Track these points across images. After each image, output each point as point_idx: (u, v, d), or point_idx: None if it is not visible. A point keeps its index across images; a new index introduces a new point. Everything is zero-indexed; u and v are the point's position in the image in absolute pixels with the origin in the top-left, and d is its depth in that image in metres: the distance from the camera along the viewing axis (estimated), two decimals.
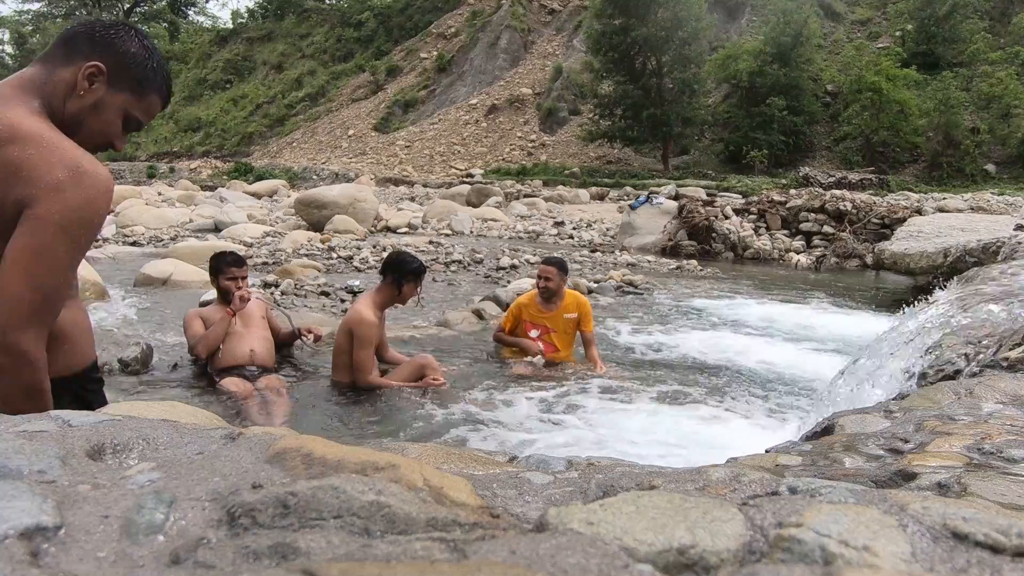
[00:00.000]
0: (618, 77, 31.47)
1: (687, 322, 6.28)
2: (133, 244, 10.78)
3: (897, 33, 34.41)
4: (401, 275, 3.77)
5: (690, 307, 7.09)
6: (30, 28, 58.53)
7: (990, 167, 27.44)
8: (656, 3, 29.49)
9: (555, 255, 5.08)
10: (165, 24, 63.68)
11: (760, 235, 11.99)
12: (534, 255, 10.12)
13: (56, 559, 0.53)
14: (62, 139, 1.35)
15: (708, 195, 16.49)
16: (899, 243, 8.44)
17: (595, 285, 7.87)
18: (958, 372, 2.00)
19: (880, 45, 34.32)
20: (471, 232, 13.38)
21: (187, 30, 62.30)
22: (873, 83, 27.76)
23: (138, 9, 66.18)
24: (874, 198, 13.94)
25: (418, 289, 3.91)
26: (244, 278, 3.89)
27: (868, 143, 28.95)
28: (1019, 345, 1.98)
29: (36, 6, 62.89)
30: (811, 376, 4.46)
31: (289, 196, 19.87)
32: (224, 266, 3.86)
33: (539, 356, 4.48)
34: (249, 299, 3.85)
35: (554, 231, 14.23)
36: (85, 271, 5.71)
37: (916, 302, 3.54)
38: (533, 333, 4.60)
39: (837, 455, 1.19)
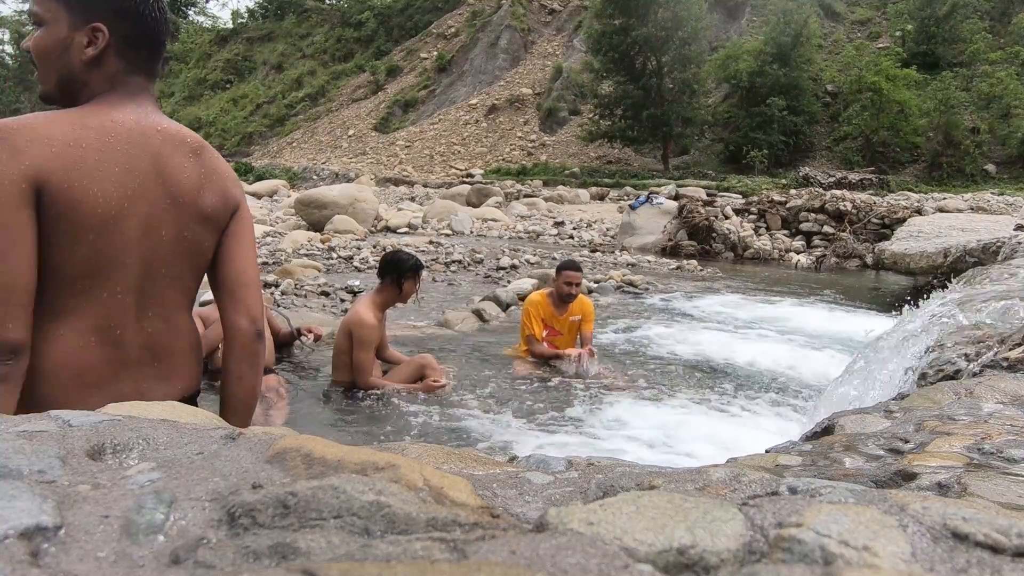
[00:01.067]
0: (618, 77, 31.49)
1: (687, 322, 6.28)
2: None
3: (897, 33, 34.43)
4: (400, 274, 3.78)
5: (690, 307, 7.10)
6: (30, 28, 58.54)
7: (990, 167, 27.45)
8: (656, 3, 29.52)
9: (568, 258, 5.03)
10: None
11: (760, 235, 12.00)
12: (534, 255, 10.12)
13: (56, 559, 0.53)
14: None
15: (708, 195, 16.51)
16: (899, 243, 8.45)
17: (595, 285, 7.87)
18: (958, 372, 2.00)
19: (880, 45, 34.35)
20: (471, 232, 13.38)
21: (187, 30, 62.32)
22: (873, 83, 27.80)
23: None
24: (874, 198, 13.94)
25: (417, 286, 3.92)
26: None
27: (868, 143, 28.97)
28: (1019, 345, 1.98)
29: None
30: (811, 376, 4.46)
31: (289, 196, 19.87)
32: None
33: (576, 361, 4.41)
34: None
35: (554, 231, 14.23)
36: None
37: (916, 303, 3.54)
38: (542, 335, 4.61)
39: (837, 455, 1.19)
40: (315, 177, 32.51)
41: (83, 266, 1.25)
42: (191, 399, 1.47)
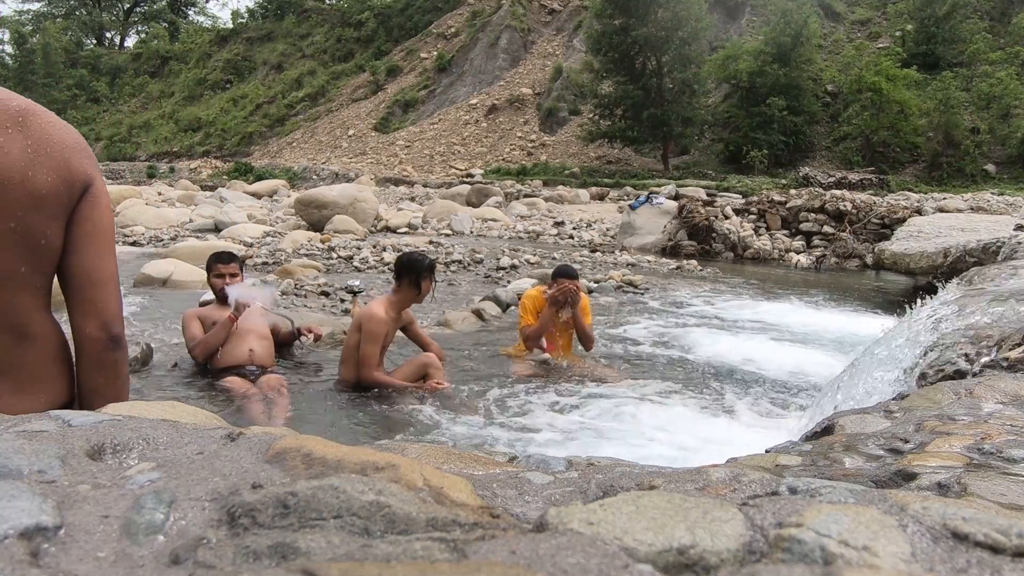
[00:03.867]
0: (618, 77, 31.46)
1: (687, 322, 6.28)
2: (133, 244, 10.78)
3: (897, 33, 34.39)
4: (418, 274, 3.82)
5: (690, 307, 7.09)
6: (30, 28, 58.56)
7: (990, 167, 27.43)
8: (656, 3, 29.47)
9: (565, 264, 4.93)
10: (165, 24, 63.72)
11: (760, 235, 11.99)
12: (534, 255, 10.12)
13: (56, 559, 0.53)
14: None
15: (708, 195, 16.51)
16: (899, 243, 8.45)
17: (595, 285, 7.87)
18: (958, 372, 2.00)
19: (880, 45, 34.32)
20: (471, 232, 13.38)
21: (187, 30, 62.30)
22: (873, 83, 27.76)
23: (138, 9, 66.20)
24: (874, 198, 13.94)
25: (433, 284, 3.97)
26: (234, 275, 3.91)
27: (868, 143, 28.95)
28: (1019, 345, 1.99)
29: (36, 6, 63.02)
30: (811, 376, 4.46)
31: (289, 196, 19.86)
32: (212, 263, 3.94)
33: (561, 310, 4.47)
34: (249, 305, 3.88)
35: (554, 231, 14.23)
36: None
37: (917, 303, 3.54)
38: None
39: (837, 455, 1.18)
40: (315, 177, 32.49)
41: None
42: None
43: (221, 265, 3.92)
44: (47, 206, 1.13)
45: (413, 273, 3.83)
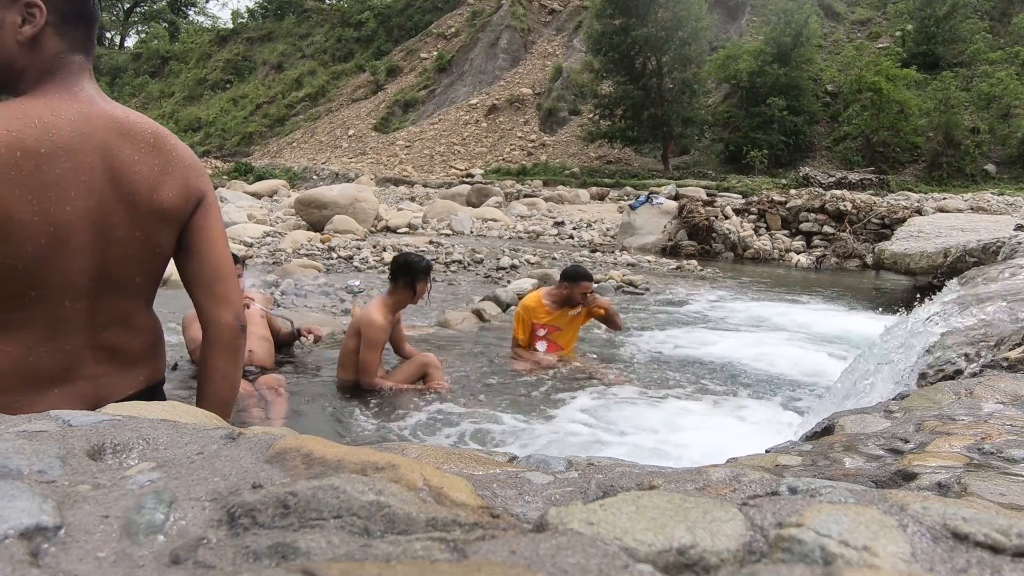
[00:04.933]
0: (618, 77, 31.45)
1: (687, 322, 6.28)
2: None
3: (897, 33, 34.39)
4: (414, 276, 3.81)
5: (690, 307, 7.09)
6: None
7: (990, 167, 27.42)
8: (656, 3, 29.47)
9: (581, 266, 4.99)
10: (165, 24, 63.69)
11: (760, 235, 11.99)
12: (534, 255, 10.11)
13: (56, 559, 0.53)
14: None
15: (708, 195, 16.50)
16: (899, 243, 8.44)
17: (595, 285, 7.86)
18: (958, 372, 2.00)
19: (880, 45, 34.32)
20: (471, 232, 13.38)
21: (187, 30, 62.28)
22: (873, 83, 27.76)
23: (138, 9, 66.20)
24: (874, 198, 13.93)
25: (428, 286, 3.96)
26: (238, 275, 3.91)
27: (868, 143, 28.95)
28: (1019, 345, 1.98)
29: None
30: (811, 376, 4.46)
31: (289, 196, 19.84)
32: None
33: (552, 360, 4.53)
34: (248, 307, 3.87)
35: (554, 231, 14.23)
36: None
37: (918, 302, 3.54)
38: (540, 333, 4.61)
39: (837, 455, 1.18)
40: (315, 177, 32.46)
41: (25, 280, 1.15)
42: (156, 387, 1.43)
43: None
44: (167, 219, 1.30)
45: (408, 275, 3.81)
